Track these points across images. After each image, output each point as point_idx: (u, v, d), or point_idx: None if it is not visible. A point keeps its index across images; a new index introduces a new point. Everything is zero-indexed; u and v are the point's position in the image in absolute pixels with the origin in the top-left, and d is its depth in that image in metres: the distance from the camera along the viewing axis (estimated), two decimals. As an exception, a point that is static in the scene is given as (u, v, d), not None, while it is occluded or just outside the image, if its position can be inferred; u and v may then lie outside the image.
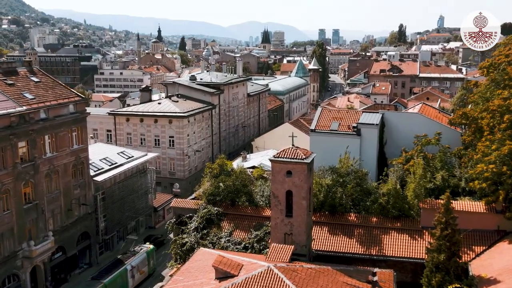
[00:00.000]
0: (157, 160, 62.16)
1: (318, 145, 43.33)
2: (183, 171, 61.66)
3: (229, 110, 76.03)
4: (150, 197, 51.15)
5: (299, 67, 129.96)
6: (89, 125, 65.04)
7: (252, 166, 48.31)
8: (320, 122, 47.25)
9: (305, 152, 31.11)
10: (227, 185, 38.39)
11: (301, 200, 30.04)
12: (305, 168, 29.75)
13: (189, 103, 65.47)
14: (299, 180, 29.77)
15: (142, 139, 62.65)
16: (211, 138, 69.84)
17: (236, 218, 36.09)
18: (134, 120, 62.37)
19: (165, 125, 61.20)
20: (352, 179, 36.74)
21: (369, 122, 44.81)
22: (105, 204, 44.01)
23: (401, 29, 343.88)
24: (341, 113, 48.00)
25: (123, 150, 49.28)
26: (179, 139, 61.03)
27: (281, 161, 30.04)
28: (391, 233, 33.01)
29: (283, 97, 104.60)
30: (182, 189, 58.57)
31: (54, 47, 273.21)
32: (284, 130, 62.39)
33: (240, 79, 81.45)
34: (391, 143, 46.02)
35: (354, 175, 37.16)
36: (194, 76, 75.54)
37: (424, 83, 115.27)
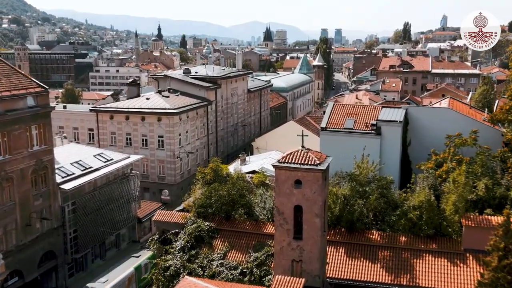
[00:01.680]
0: (145, 163, 55.12)
1: (330, 147, 36.61)
2: (174, 176, 54.60)
3: (227, 107, 68.93)
4: (134, 206, 44.17)
5: (303, 63, 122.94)
6: (69, 124, 58.66)
7: (252, 170, 41.40)
8: (332, 119, 40.26)
9: (319, 156, 24.32)
10: (221, 195, 31.95)
11: (314, 218, 23.66)
12: (319, 176, 23.21)
13: (181, 99, 58.47)
14: (312, 192, 23.33)
15: (128, 139, 55.65)
16: (207, 138, 62.72)
17: (232, 236, 30.13)
18: (119, 118, 55.36)
19: (154, 123, 54.17)
20: (374, 189, 30.05)
21: (391, 118, 37.85)
22: (76, 216, 36.99)
23: (406, 27, 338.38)
24: (356, 108, 41.00)
25: (101, 152, 42.24)
26: (169, 139, 53.98)
27: (288, 168, 23.42)
28: (425, 257, 26.69)
29: (286, 94, 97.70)
30: (173, 196, 51.58)
31: (50, 44, 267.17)
32: (288, 129, 55.46)
33: (239, 73, 74.42)
34: (416, 144, 39.16)
35: (377, 183, 30.43)
36: (188, 69, 68.56)
37: (437, 80, 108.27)
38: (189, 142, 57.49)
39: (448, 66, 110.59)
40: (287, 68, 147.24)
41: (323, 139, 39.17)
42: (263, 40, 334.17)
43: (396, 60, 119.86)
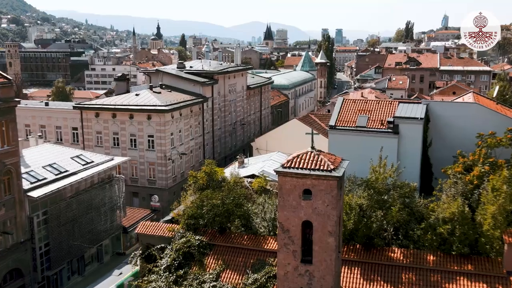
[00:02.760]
0: (133, 165, 50.26)
1: (340, 148, 31.88)
2: (165, 179, 49.70)
3: (225, 104, 64.03)
4: (119, 214, 39.35)
5: (305, 60, 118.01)
6: (51, 122, 53.85)
7: (250, 174, 36.65)
8: (342, 116, 35.44)
9: (333, 159, 19.69)
10: (214, 204, 27.41)
11: (327, 237, 19.30)
12: (333, 185, 18.66)
13: (174, 95, 53.61)
14: (324, 205, 18.88)
15: (115, 139, 50.77)
16: (202, 138, 57.83)
17: (227, 252, 25.74)
18: (105, 116, 50.49)
19: (143, 122, 49.27)
20: (395, 198, 25.35)
21: (411, 115, 33.02)
22: (49, 228, 32.04)
23: (408, 26, 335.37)
24: (369, 104, 36.15)
25: (80, 154, 37.35)
26: (160, 139, 49.08)
27: (295, 174, 18.85)
28: (459, 280, 21.99)
29: (288, 92, 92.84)
30: (164, 202, 46.72)
31: (46, 42, 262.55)
32: (291, 128, 50.66)
33: (238, 68, 69.50)
34: (438, 144, 34.36)
35: (399, 191, 25.73)
36: (182, 64, 63.69)
37: (445, 77, 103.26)
38: (183, 142, 52.60)
39: (457, 63, 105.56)
40: (289, 66, 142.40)
41: (332, 139, 34.40)
42: (264, 39, 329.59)
43: (402, 57, 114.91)
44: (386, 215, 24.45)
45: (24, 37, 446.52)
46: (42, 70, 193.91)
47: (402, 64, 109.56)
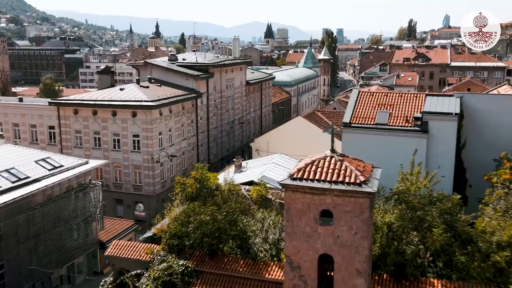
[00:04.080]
0: (117, 169, 44.54)
1: (356, 149, 26.20)
2: (153, 185, 43.94)
3: (222, 101, 58.22)
4: (95, 226, 33.71)
5: (308, 57, 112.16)
6: (25, 121, 48.14)
7: (249, 181, 30.88)
8: (358, 112, 29.68)
9: (361, 167, 13.94)
10: (203, 221, 22.02)
11: (355, 278, 13.78)
12: (365, 205, 12.88)
13: (164, 90, 47.87)
14: (351, 232, 13.24)
15: (97, 140, 45.07)
16: (196, 138, 51.99)
17: (218, 281, 20.55)
18: (85, 113, 44.78)
19: (127, 120, 43.50)
20: (435, 215, 19.75)
21: (444, 110, 27.32)
22: (4, 246, 26.38)
23: (411, 24, 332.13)
24: (390, 97, 30.37)
25: (47, 157, 31.70)
26: (146, 139, 43.30)
27: (309, 189, 13.05)
28: None
29: (290, 89, 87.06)
30: (152, 211, 40.93)
31: (41, 40, 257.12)
32: (295, 127, 45.02)
33: (236, 61, 63.75)
34: (474, 145, 28.66)
35: (439, 206, 20.13)
36: (174, 56, 57.90)
37: (456, 73, 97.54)
38: (173, 142, 46.83)
39: (469, 59, 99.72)
40: (290, 63, 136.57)
41: (346, 138, 28.65)
42: (264, 37, 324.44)
43: (410, 53, 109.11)
44: (424, 237, 18.82)
45: (22, 36, 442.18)
46: (36, 68, 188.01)
47: (411, 60, 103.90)
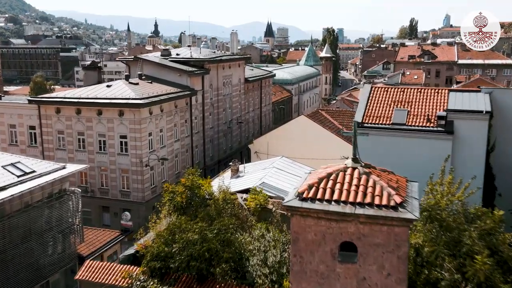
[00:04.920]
0: (103, 173, 40.72)
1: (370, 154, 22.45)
2: (142, 191, 40.11)
3: (218, 99, 54.36)
4: (73, 239, 30.01)
5: (309, 54, 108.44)
6: (4, 120, 44.20)
7: (245, 189, 27.03)
8: (371, 110, 25.83)
9: (394, 182, 9.95)
10: (190, 240, 18.49)
11: None
12: (403, 236, 8.78)
13: (155, 87, 44.07)
14: (383, 273, 9.11)
15: (81, 141, 41.30)
16: (190, 139, 48.10)
17: None
18: (68, 111, 40.98)
19: (114, 119, 39.68)
20: (476, 236, 15.93)
21: (472, 107, 23.53)
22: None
23: (412, 23, 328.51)
24: (408, 93, 26.54)
25: (17, 161, 27.97)
26: (135, 141, 39.46)
27: (324, 214, 9.13)
28: None
29: (291, 87, 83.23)
30: (141, 219, 37.15)
31: (36, 38, 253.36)
32: (298, 127, 41.23)
33: (234, 56, 59.97)
34: (504, 147, 24.89)
35: (480, 226, 16.37)
36: (167, 51, 54.03)
37: (464, 71, 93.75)
38: (164, 144, 42.99)
39: (478, 56, 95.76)
40: (291, 61, 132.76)
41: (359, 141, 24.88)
42: (264, 36, 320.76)
43: (416, 50, 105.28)
44: (462, 265, 15.06)
45: (21, 36, 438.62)
46: (31, 67, 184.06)
47: (416, 57, 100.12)
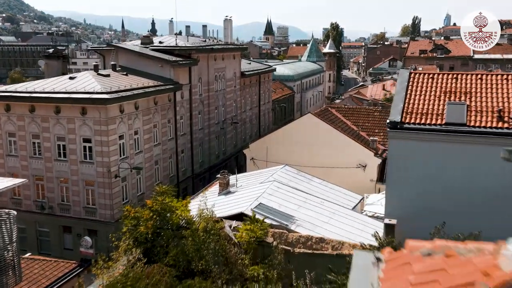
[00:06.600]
0: (63, 186, 33.12)
1: (413, 165, 15.11)
2: (110, 208, 32.31)
3: (209, 95, 46.52)
4: (6, 277, 22.60)
5: (312, 49, 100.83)
6: None
7: (237, 213, 19.44)
8: (412, 104, 18.26)
9: None
10: None
11: None
12: None
13: (130, 79, 36.47)
14: None
15: (36, 145, 33.73)
16: (174, 143, 40.29)
17: None
18: (20, 109, 33.32)
19: (75, 118, 31.98)
20: None
21: None
22: None
23: (415, 21, 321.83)
24: (463, 80, 18.84)
25: None
26: (101, 145, 31.69)
27: None
28: None
29: (293, 84, 75.60)
30: (109, 243, 29.56)
31: (27, 36, 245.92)
32: (304, 127, 33.49)
33: (228, 46, 52.38)
34: None
35: None
36: (148, 38, 46.24)
37: (480, 67, 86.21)
38: (141, 149, 35.21)
39: (494, 51, 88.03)
40: (292, 57, 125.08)
41: (396, 148, 17.15)
42: (264, 34, 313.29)
43: (427, 44, 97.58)
44: None
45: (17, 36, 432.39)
46: (21, 66, 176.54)
47: (428, 52, 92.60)
